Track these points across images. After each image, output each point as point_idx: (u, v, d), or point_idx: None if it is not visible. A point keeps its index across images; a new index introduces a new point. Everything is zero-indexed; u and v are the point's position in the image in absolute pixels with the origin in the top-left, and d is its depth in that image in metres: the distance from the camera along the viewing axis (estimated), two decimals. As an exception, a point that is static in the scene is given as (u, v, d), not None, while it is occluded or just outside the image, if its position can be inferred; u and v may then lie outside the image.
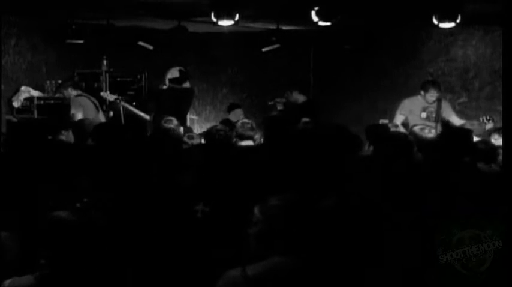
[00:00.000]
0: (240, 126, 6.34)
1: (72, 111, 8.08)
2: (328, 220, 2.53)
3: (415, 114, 7.93)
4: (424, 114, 7.95)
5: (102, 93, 8.77)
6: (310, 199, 2.54)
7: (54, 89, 9.16)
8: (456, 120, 7.84)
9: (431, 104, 7.91)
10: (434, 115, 7.90)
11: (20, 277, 2.55)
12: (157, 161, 4.54)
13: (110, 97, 8.72)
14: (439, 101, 7.91)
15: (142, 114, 8.59)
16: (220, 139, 5.59)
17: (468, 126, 6.93)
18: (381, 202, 3.68)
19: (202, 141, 6.18)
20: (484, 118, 7.37)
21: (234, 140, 6.19)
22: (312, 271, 2.40)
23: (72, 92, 8.37)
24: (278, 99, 8.62)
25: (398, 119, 8.03)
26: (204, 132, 6.56)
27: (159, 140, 5.32)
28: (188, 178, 4.27)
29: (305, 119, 7.87)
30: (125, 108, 8.68)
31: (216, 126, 6.12)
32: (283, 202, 2.51)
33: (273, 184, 3.95)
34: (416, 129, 5.98)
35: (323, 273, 2.43)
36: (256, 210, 2.55)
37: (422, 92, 7.93)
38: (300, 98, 8.50)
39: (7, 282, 2.54)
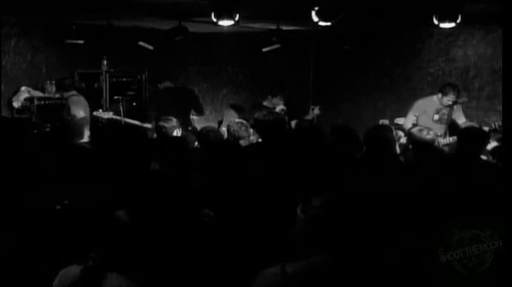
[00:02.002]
0: (234, 127, 6.37)
1: (75, 110, 7.93)
2: (364, 220, 2.56)
3: (428, 116, 7.83)
4: (436, 117, 7.84)
5: (95, 113, 8.43)
6: (350, 200, 2.57)
7: (54, 89, 9.15)
8: (462, 123, 7.77)
9: (445, 106, 7.82)
10: (446, 117, 7.83)
11: (71, 267, 2.68)
12: (163, 162, 4.55)
13: (105, 115, 8.53)
14: (453, 103, 7.84)
15: (142, 125, 8.49)
16: (210, 139, 5.63)
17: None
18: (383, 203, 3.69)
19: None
20: (497, 124, 7.26)
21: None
22: (351, 270, 2.41)
23: (68, 92, 8.26)
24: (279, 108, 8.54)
25: (410, 119, 7.96)
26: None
27: (162, 141, 5.33)
28: (196, 180, 4.28)
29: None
30: (124, 112, 8.58)
31: (205, 127, 6.16)
32: (324, 203, 2.55)
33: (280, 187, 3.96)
34: (415, 130, 5.97)
35: (362, 273, 2.44)
36: (298, 210, 2.59)
37: (440, 95, 7.77)
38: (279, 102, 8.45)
39: (62, 271, 2.69)
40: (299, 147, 5.06)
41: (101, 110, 8.67)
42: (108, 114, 8.50)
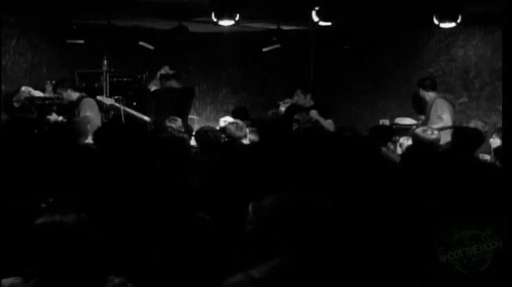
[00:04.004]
0: (230, 127, 6.36)
1: (85, 113, 7.81)
2: (326, 220, 2.51)
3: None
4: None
5: (98, 97, 8.58)
6: (306, 199, 2.51)
7: (50, 88, 9.14)
8: (435, 122, 7.71)
9: (427, 102, 8.03)
10: (426, 111, 8.05)
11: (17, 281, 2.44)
12: (162, 161, 4.54)
13: (107, 101, 8.59)
14: (436, 99, 8.00)
15: (142, 116, 8.54)
16: (209, 140, 5.63)
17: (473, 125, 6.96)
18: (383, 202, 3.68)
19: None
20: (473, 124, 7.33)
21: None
22: (314, 272, 2.38)
23: (72, 94, 8.18)
24: (287, 100, 8.41)
25: None
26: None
27: (165, 140, 5.31)
28: (196, 181, 4.27)
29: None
30: (124, 110, 8.61)
31: (203, 127, 6.16)
32: (276, 201, 2.46)
33: (270, 184, 3.94)
34: (419, 131, 6.01)
35: (325, 275, 2.41)
36: (250, 209, 2.51)
37: None
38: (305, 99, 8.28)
39: (8, 282, 2.44)
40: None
41: (105, 96, 8.77)
42: (111, 100, 8.55)
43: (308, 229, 2.41)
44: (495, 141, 6.35)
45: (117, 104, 8.51)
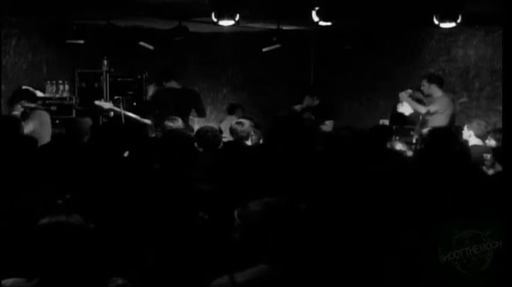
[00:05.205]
0: (236, 127, 6.35)
1: (32, 126, 6.99)
2: (311, 224, 2.49)
3: None
4: None
5: (96, 102, 8.47)
6: (292, 203, 2.49)
7: (54, 89, 9.12)
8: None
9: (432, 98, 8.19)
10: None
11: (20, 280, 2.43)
12: (163, 161, 4.54)
13: (106, 105, 8.53)
14: (442, 97, 8.12)
15: (143, 119, 8.50)
16: (208, 140, 5.62)
17: (474, 125, 6.96)
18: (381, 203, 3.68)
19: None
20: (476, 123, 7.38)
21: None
22: (299, 279, 2.36)
23: (26, 105, 7.33)
24: (297, 106, 8.99)
25: None
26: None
27: (165, 140, 5.31)
28: (196, 181, 4.26)
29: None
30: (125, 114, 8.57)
31: (203, 127, 6.16)
32: (262, 207, 2.45)
33: (269, 186, 3.94)
34: (426, 131, 6.03)
35: (310, 281, 2.39)
36: (236, 215, 2.50)
37: None
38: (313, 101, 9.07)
39: (9, 282, 2.43)
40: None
41: (102, 100, 8.75)
42: (109, 105, 8.51)
43: (297, 235, 2.40)
44: (490, 143, 6.34)
45: (116, 108, 8.46)
